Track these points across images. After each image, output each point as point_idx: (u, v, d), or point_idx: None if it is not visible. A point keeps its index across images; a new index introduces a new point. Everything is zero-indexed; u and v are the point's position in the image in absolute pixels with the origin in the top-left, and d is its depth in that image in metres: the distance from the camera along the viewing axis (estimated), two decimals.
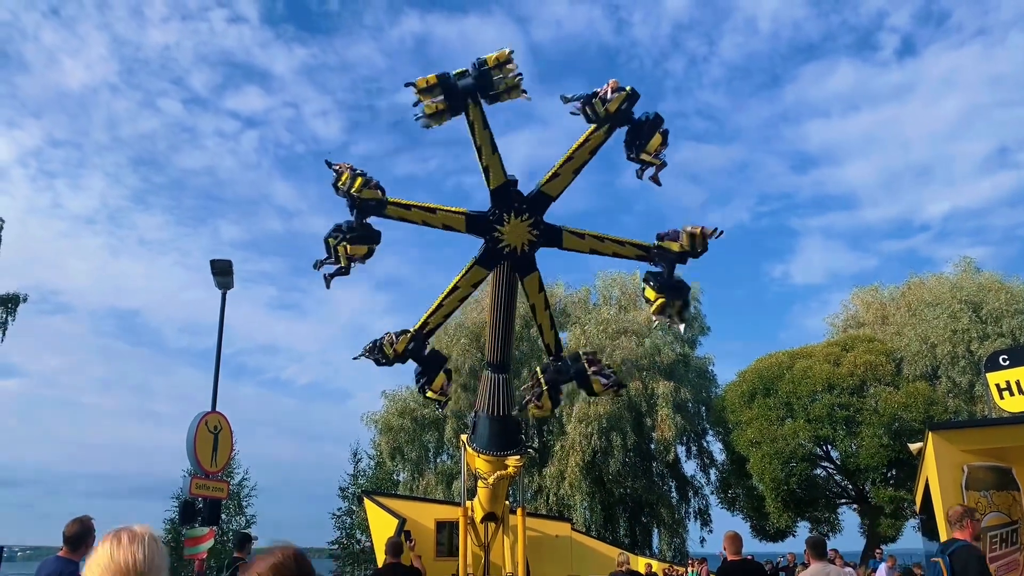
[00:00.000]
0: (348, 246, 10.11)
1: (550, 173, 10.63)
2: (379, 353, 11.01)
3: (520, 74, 10.06)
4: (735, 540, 10.40)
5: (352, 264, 10.28)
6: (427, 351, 11.56)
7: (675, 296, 11.15)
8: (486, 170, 10.33)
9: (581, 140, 10.45)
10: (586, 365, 11.92)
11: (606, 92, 10.14)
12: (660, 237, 10.97)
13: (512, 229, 10.68)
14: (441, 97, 9.84)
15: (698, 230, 10.74)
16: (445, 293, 11.18)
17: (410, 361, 11.40)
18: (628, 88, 10.18)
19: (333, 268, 10.34)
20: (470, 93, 9.94)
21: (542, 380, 11.88)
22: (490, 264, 11.02)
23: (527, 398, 12.09)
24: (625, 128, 10.38)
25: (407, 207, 10.52)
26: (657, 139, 10.32)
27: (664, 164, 10.45)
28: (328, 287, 10.44)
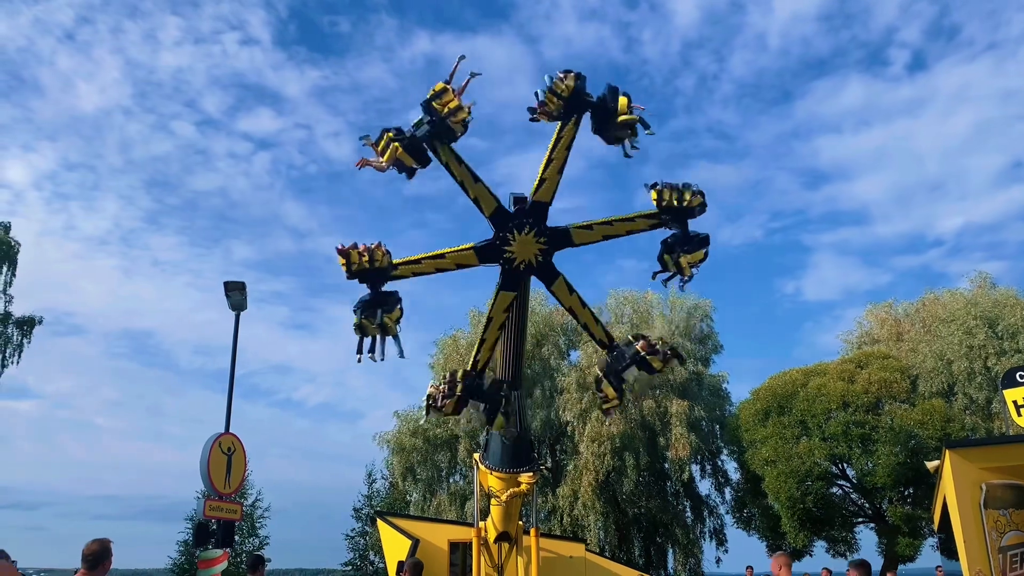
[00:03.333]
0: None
1: (536, 181, 10.95)
2: (441, 406, 11.29)
3: (459, 106, 10.45)
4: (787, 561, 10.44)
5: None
6: (486, 386, 11.76)
7: (682, 249, 11.39)
8: (476, 201, 10.71)
9: (553, 140, 10.84)
10: (639, 348, 12.04)
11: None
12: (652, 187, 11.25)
13: (520, 246, 10.86)
14: (396, 143, 10.26)
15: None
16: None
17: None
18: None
19: (384, 342, 10.62)
20: (431, 136, 10.35)
21: (613, 396, 11.98)
22: (514, 285, 11.17)
23: (598, 402, 12.34)
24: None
25: (417, 261, 10.78)
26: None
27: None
28: (383, 358, 10.76)
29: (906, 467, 30.99)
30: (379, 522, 21.05)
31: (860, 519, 36.50)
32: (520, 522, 16.25)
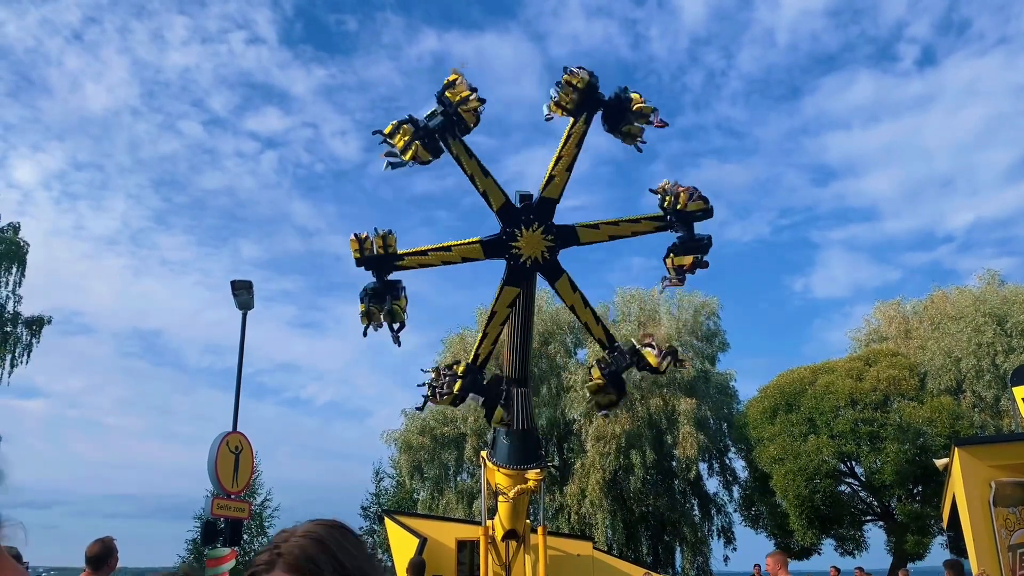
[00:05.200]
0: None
1: (545, 178, 10.93)
2: (443, 394, 11.29)
3: (473, 90, 10.44)
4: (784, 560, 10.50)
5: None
6: (485, 381, 11.76)
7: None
8: (485, 195, 10.69)
9: (564, 137, 10.83)
10: (639, 347, 12.05)
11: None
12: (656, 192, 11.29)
13: (527, 242, 10.87)
14: (417, 142, 10.27)
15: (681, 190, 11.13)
16: (486, 322, 11.41)
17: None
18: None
19: (390, 328, 10.66)
20: (444, 129, 10.33)
21: (597, 376, 11.96)
22: (518, 281, 11.16)
23: (591, 397, 12.32)
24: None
25: (423, 253, 10.78)
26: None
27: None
28: (399, 344, 10.78)
29: (914, 465, 30.90)
30: (386, 520, 21.07)
31: (868, 517, 36.40)
32: (528, 520, 16.25)
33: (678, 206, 10.92)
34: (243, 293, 17.37)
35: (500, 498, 14.63)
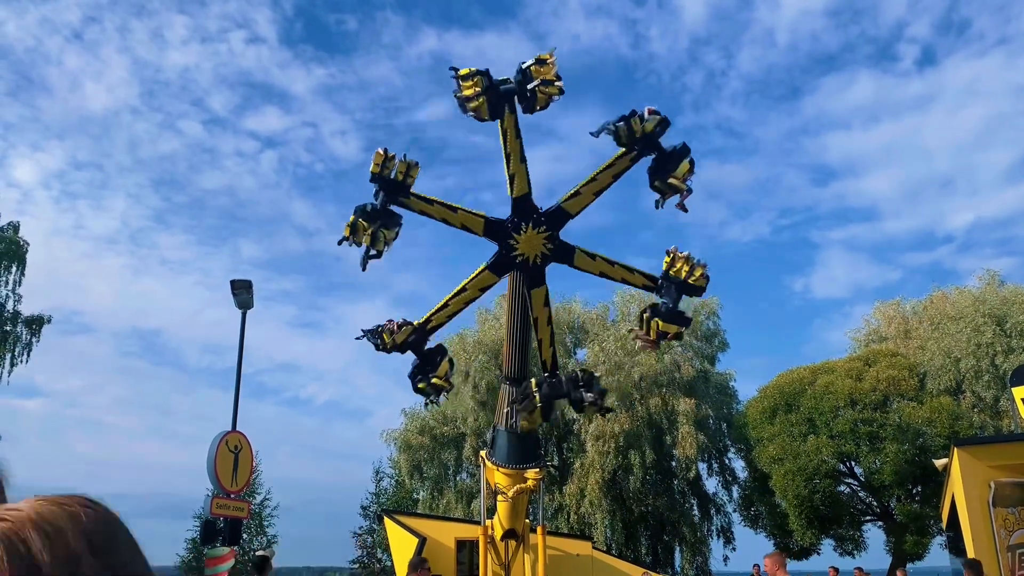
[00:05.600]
0: (385, 232, 10.26)
1: (572, 191, 10.85)
2: (378, 339, 10.95)
3: (559, 78, 10.29)
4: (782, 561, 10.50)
5: (385, 248, 10.42)
6: (427, 347, 11.46)
7: (677, 322, 11.31)
8: (511, 178, 10.55)
9: (607, 164, 10.75)
10: (579, 383, 11.89)
11: (644, 113, 10.42)
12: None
13: (527, 239, 10.83)
14: (480, 90, 10.09)
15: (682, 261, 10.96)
16: (453, 293, 11.22)
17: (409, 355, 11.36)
18: (662, 115, 10.52)
19: (366, 250, 10.44)
20: (508, 98, 10.19)
21: (536, 394, 11.72)
22: (500, 271, 11.11)
23: (519, 408, 12.06)
24: (650, 157, 10.64)
25: (430, 201, 10.69)
26: (685, 166, 10.63)
27: (690, 191, 10.73)
28: (364, 269, 10.52)
29: (914, 465, 30.90)
30: (386, 520, 21.06)
31: (868, 517, 36.42)
32: (527, 520, 16.25)
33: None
34: (243, 293, 17.39)
35: (499, 497, 14.63)
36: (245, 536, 40.94)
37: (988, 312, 33.46)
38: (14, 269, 33.29)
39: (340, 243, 10.40)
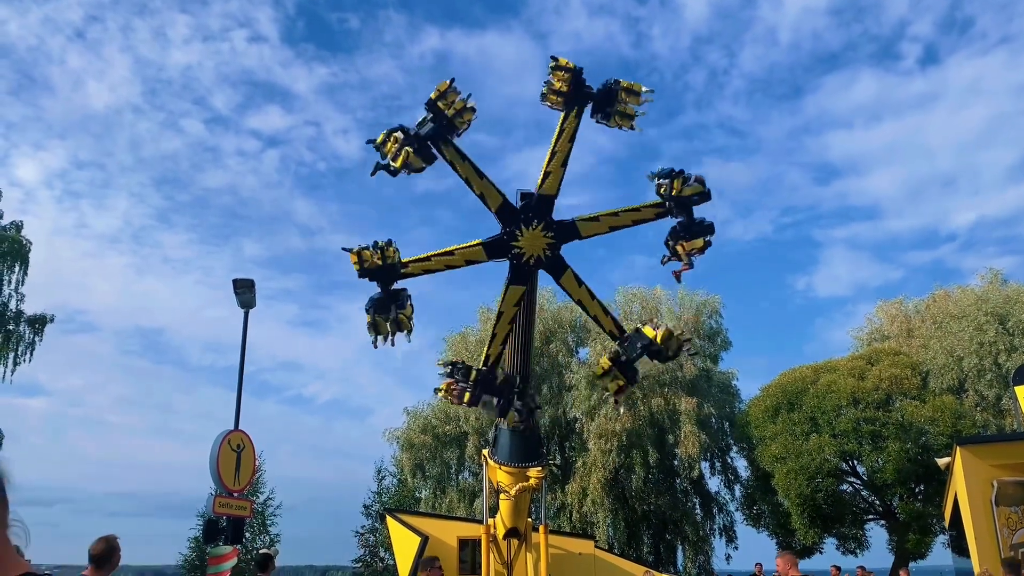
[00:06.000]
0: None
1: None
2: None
3: (467, 97, 10.56)
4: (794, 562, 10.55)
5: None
6: (498, 381, 11.73)
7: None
8: (482, 197, 10.78)
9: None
10: (640, 326, 12.09)
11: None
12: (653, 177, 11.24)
13: (528, 240, 10.92)
14: (408, 148, 10.31)
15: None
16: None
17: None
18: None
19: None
20: (435, 136, 10.39)
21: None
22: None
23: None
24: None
25: (427, 259, 10.82)
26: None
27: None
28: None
29: (916, 464, 30.88)
30: (388, 519, 21.10)
31: (870, 516, 36.40)
32: (529, 519, 16.27)
33: (673, 192, 10.91)
34: (245, 292, 17.39)
35: (502, 496, 14.65)
36: (248, 535, 40.95)
37: (990, 311, 33.41)
38: (17, 268, 33.32)
39: (375, 345, 10.68)
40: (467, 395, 11.41)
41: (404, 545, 19.06)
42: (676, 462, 36.79)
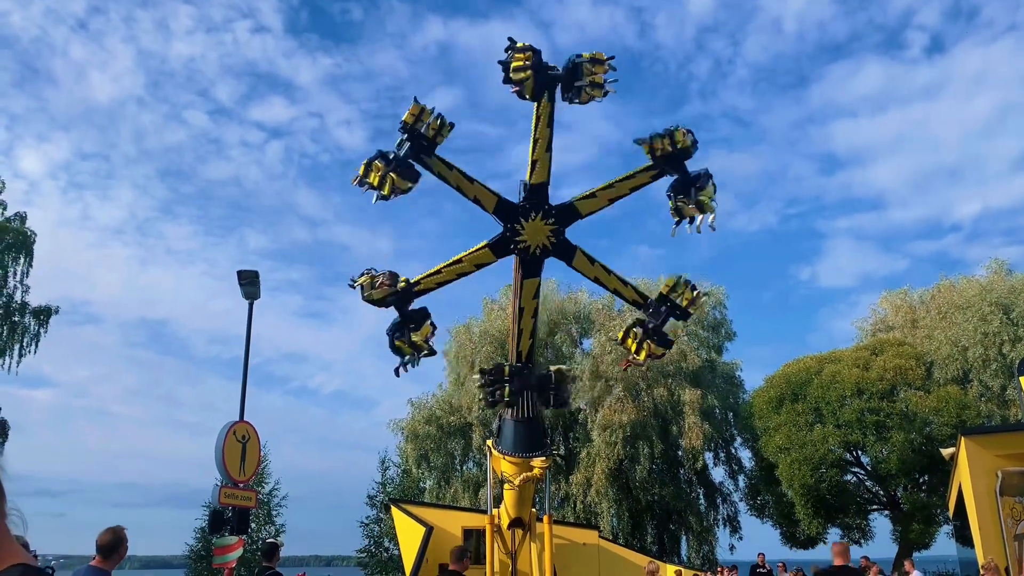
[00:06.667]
0: (395, 176, 10.37)
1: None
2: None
3: (439, 115, 10.56)
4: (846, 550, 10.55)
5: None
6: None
7: (694, 188, 11.17)
8: (476, 201, 10.77)
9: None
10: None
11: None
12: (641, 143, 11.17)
13: (533, 228, 10.93)
14: (392, 174, 10.30)
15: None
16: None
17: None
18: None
19: (374, 192, 10.53)
20: (416, 155, 10.38)
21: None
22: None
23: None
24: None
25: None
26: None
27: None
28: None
29: (920, 454, 30.88)
30: (393, 509, 21.18)
31: (874, 506, 36.43)
32: (533, 509, 16.33)
33: (677, 145, 10.92)
34: (249, 283, 17.42)
35: (506, 486, 14.70)
36: (253, 525, 41.10)
37: (995, 301, 33.36)
38: (21, 260, 33.40)
39: (397, 374, 10.80)
40: (507, 390, 11.49)
41: (409, 535, 19.14)
42: (680, 453, 36.83)
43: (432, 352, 11.01)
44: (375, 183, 10.40)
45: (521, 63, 10.36)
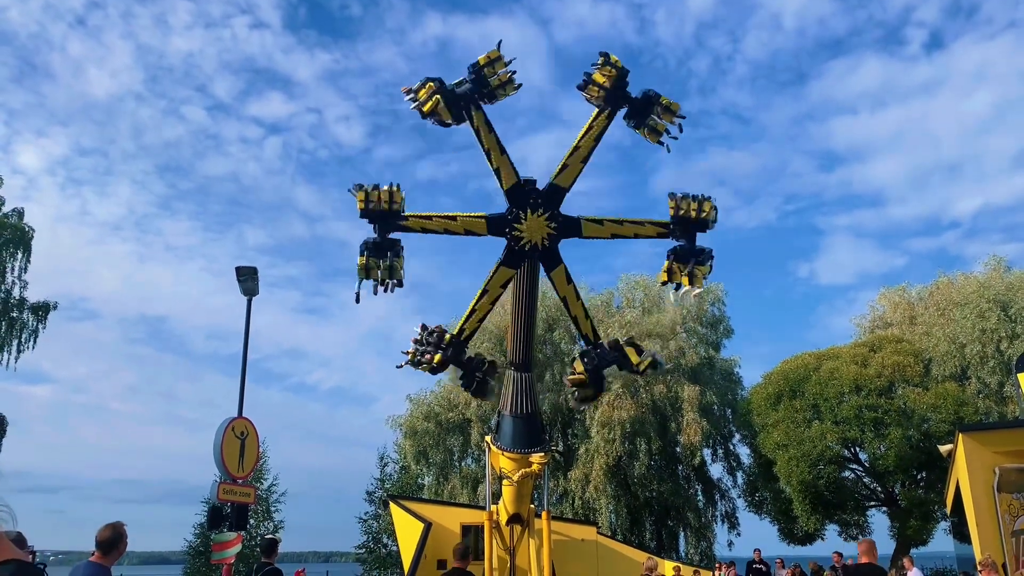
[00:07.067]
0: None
1: (559, 166, 10.91)
2: (419, 366, 11.23)
3: (513, 71, 10.39)
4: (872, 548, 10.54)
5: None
6: (466, 357, 11.70)
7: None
8: (497, 172, 10.65)
9: (584, 129, 10.80)
10: (622, 343, 12.09)
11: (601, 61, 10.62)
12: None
13: (530, 226, 10.89)
14: (439, 95, 10.16)
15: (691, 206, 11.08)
16: (476, 297, 11.31)
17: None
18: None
19: (370, 285, 10.45)
20: (470, 98, 10.26)
21: (580, 370, 11.99)
22: (515, 263, 11.17)
23: (571, 389, 12.32)
24: (623, 110, 10.78)
25: (428, 218, 10.71)
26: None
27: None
28: (358, 302, 10.42)
29: (918, 451, 30.92)
30: (392, 505, 21.23)
31: (872, 503, 36.50)
32: (532, 505, 16.35)
33: (701, 215, 10.96)
34: (248, 279, 17.42)
35: (504, 482, 14.73)
36: (252, 521, 41.18)
37: (993, 298, 33.38)
38: (19, 255, 33.37)
39: (358, 296, 10.47)
40: (438, 356, 11.31)
41: (407, 531, 19.18)
42: (678, 449, 36.89)
43: (400, 281, 10.74)
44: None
45: (606, 76, 10.41)
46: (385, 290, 10.48)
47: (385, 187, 10.44)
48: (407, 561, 18.33)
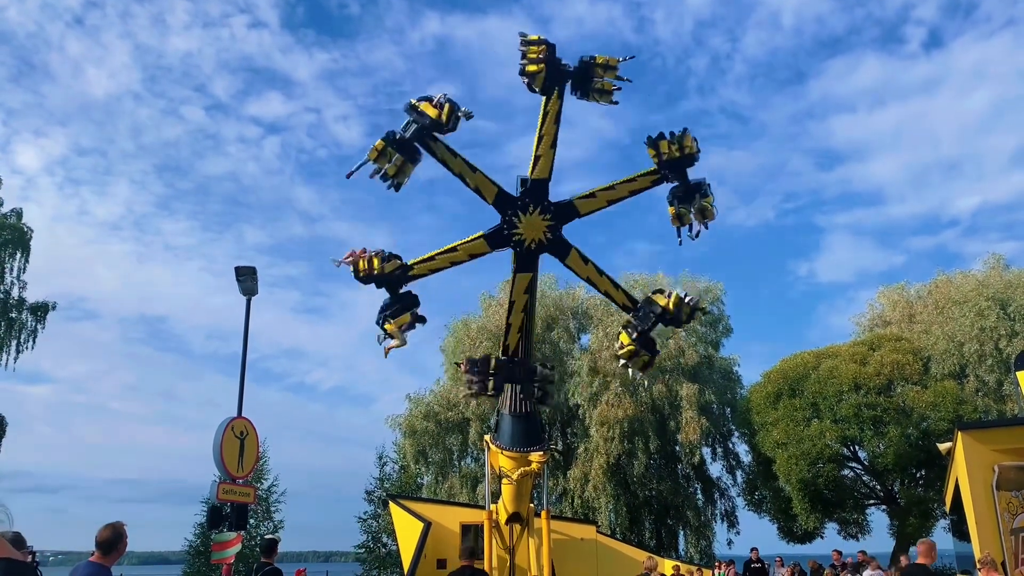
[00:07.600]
0: (391, 320, 10.56)
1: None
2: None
3: (449, 101, 10.57)
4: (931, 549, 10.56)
5: (405, 336, 10.77)
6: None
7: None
8: (477, 191, 10.88)
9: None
10: (651, 297, 12.21)
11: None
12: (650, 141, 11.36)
13: (530, 222, 11.01)
14: (397, 156, 10.35)
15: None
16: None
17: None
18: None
19: (391, 342, 10.72)
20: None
21: (627, 342, 12.06)
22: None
23: (624, 363, 12.44)
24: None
25: (431, 259, 10.94)
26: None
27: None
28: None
29: (917, 449, 30.94)
30: (391, 505, 21.24)
31: (871, 501, 36.52)
32: (531, 504, 16.37)
33: (685, 151, 11.08)
34: (247, 279, 17.41)
35: (504, 481, 14.76)
36: (251, 521, 41.17)
37: (992, 296, 33.40)
38: (18, 255, 33.36)
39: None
40: (490, 384, 11.58)
41: (407, 531, 19.18)
42: (678, 448, 36.90)
43: (401, 343, 10.96)
44: (392, 172, 10.46)
45: (535, 55, 10.46)
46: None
47: (368, 254, 10.64)
48: (407, 560, 18.33)
